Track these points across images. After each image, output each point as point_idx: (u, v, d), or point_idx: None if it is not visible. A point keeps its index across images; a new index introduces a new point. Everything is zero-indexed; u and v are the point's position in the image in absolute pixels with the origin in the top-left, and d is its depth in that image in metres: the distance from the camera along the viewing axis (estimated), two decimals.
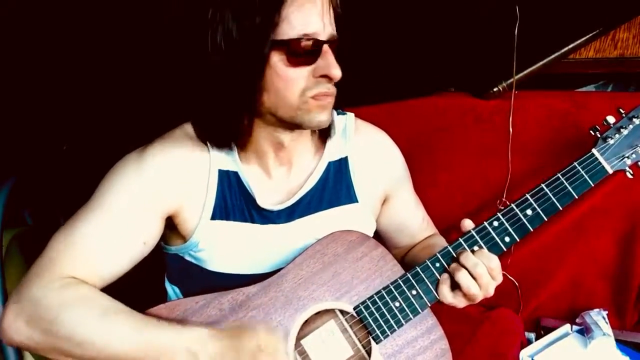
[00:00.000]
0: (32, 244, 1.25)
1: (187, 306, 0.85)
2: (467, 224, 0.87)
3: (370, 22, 1.29)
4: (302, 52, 0.79)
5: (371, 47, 1.31)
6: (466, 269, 0.83)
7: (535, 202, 0.87)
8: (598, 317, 1.30)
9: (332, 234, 0.90)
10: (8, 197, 1.09)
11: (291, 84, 0.81)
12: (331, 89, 0.84)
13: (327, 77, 0.82)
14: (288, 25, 0.78)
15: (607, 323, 1.29)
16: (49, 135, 1.38)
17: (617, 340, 1.28)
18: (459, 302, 0.86)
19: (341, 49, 0.86)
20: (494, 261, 0.85)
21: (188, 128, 0.94)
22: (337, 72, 0.82)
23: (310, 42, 0.79)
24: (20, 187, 1.13)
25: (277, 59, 0.80)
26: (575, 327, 1.34)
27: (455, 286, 0.86)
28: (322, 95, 0.83)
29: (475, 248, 0.86)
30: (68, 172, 1.39)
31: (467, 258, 0.84)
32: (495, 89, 1.37)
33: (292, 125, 0.87)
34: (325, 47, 0.81)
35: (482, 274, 0.83)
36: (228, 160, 0.92)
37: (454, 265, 0.86)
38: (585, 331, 1.29)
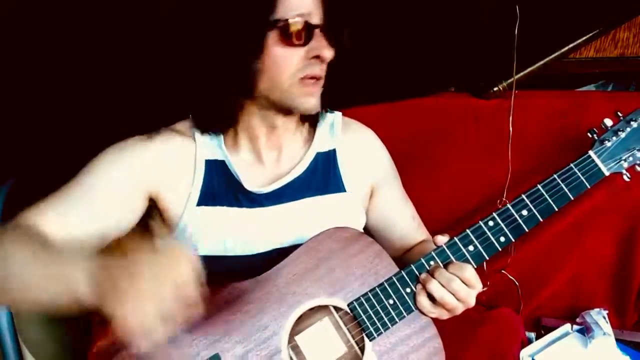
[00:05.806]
0: None
1: None
2: (440, 240, 0.88)
3: (371, 22, 1.29)
4: (296, 33, 0.83)
5: (371, 47, 1.31)
6: (441, 284, 0.84)
7: (531, 203, 0.87)
8: (598, 317, 1.30)
9: (327, 230, 0.90)
10: (8, 197, 1.09)
11: (284, 64, 0.85)
12: (320, 72, 0.87)
13: (319, 59, 0.85)
14: (283, 6, 0.82)
15: (607, 322, 1.29)
16: (49, 135, 1.38)
17: (617, 340, 1.28)
18: (440, 313, 0.86)
19: (341, 48, 0.87)
20: (469, 271, 0.84)
21: (176, 126, 0.97)
22: (328, 53, 0.85)
23: (304, 24, 0.83)
24: (20, 187, 1.12)
25: (272, 40, 0.83)
26: (575, 327, 1.34)
27: (433, 298, 0.85)
28: (310, 77, 0.86)
29: (452, 258, 0.86)
30: (68, 172, 1.39)
31: (441, 274, 0.84)
32: (495, 89, 1.37)
33: (284, 110, 0.90)
34: (318, 30, 0.85)
35: (458, 289, 0.83)
36: (215, 149, 0.94)
37: (423, 276, 0.86)
38: (585, 330, 1.30)
